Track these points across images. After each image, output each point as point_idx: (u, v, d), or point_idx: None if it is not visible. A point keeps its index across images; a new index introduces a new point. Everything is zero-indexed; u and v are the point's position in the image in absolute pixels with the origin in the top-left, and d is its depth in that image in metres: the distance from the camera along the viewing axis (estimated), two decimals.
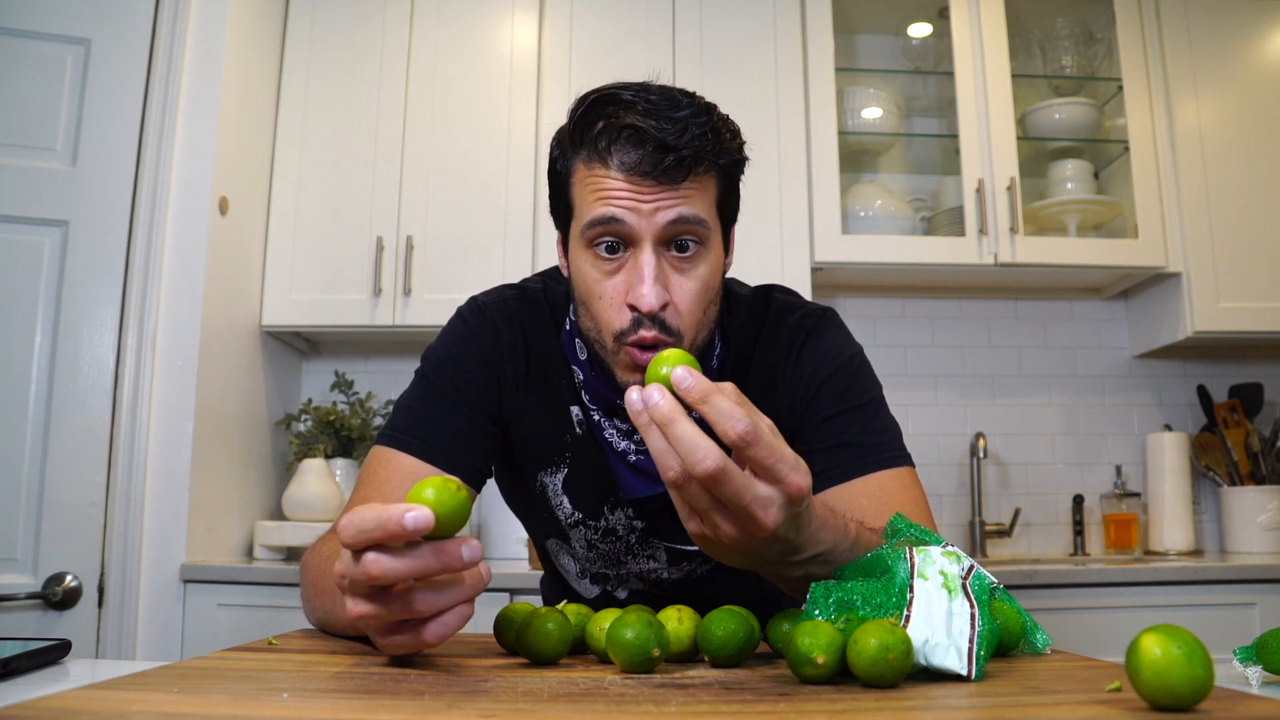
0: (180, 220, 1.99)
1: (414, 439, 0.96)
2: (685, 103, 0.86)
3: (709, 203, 0.88)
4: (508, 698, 0.55)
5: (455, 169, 2.32)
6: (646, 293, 0.84)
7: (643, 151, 0.83)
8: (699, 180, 0.86)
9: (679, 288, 0.87)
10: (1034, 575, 1.93)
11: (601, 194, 0.85)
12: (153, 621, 1.89)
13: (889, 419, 1.00)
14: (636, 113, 0.83)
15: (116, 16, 1.97)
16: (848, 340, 1.03)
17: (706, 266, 0.88)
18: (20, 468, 1.80)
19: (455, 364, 1.00)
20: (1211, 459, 2.51)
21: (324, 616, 0.85)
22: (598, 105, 0.86)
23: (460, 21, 2.38)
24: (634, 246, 0.86)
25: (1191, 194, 2.38)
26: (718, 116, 0.88)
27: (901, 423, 1.05)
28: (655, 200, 0.84)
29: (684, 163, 0.83)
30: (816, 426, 0.98)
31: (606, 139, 0.84)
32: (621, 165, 0.83)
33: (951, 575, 0.66)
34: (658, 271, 0.85)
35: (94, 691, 0.52)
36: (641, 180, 0.83)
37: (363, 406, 2.42)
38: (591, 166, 0.86)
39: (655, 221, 0.84)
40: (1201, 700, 0.49)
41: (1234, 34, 2.47)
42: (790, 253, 2.30)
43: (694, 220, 0.85)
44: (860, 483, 0.94)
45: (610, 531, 1.04)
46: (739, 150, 0.91)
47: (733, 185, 0.92)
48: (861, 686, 0.59)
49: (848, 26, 2.67)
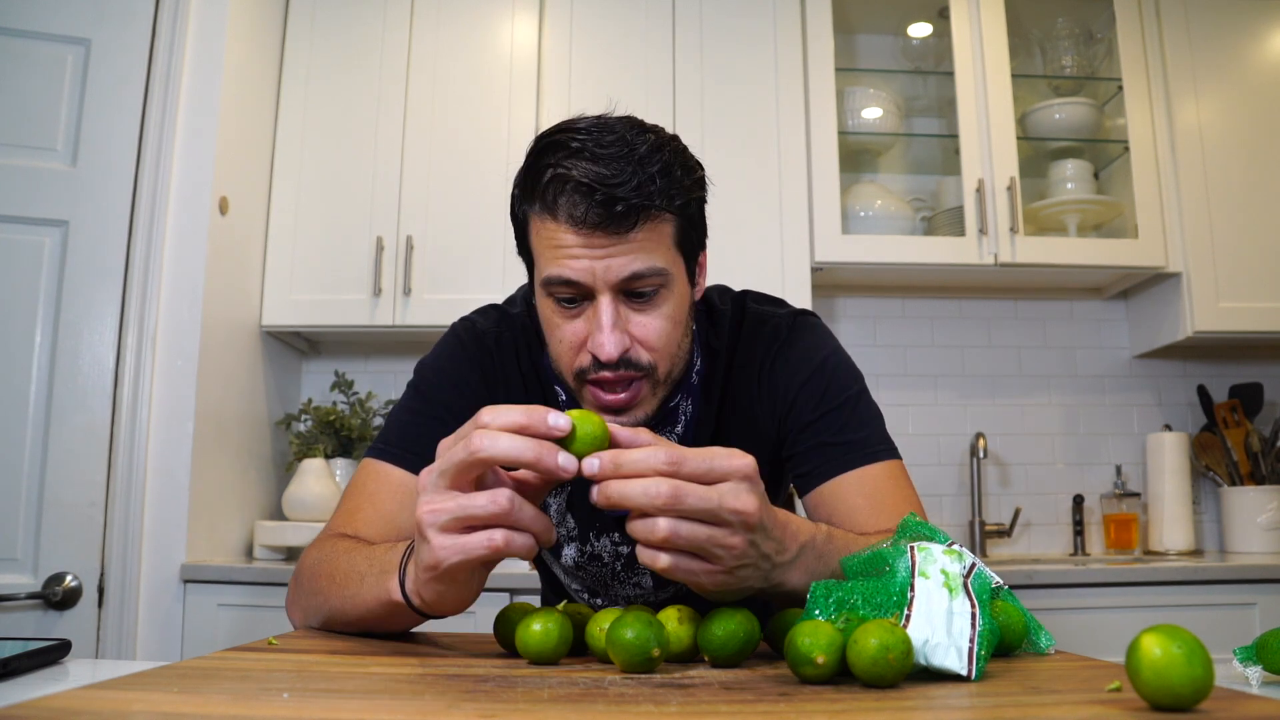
0: (180, 220, 1.99)
1: (405, 452, 0.95)
2: (638, 142, 0.82)
3: (666, 245, 0.85)
4: (508, 698, 0.55)
5: (455, 169, 2.32)
6: (604, 341, 0.83)
7: (589, 204, 0.80)
8: (652, 226, 0.83)
9: (642, 326, 0.86)
10: (1034, 575, 1.93)
11: (554, 251, 0.83)
12: (153, 621, 1.89)
13: (869, 413, 0.99)
14: (584, 159, 0.80)
15: (116, 16, 1.97)
16: (821, 342, 1.02)
17: (670, 304, 0.87)
18: (20, 468, 1.80)
19: (448, 380, 0.99)
20: (1211, 459, 2.51)
21: (340, 605, 0.82)
22: (546, 153, 0.83)
23: (460, 21, 2.38)
24: (593, 298, 0.84)
25: (1191, 194, 2.38)
26: (672, 154, 0.84)
27: (901, 423, 1.05)
28: (607, 253, 0.82)
29: (633, 210, 0.80)
30: (799, 433, 0.98)
31: (553, 192, 0.82)
32: (570, 219, 0.81)
33: (953, 574, 0.66)
34: (615, 319, 0.83)
35: (94, 691, 0.52)
36: (592, 233, 0.81)
37: (363, 406, 2.42)
38: (544, 220, 0.84)
39: (609, 278, 0.82)
40: (1201, 700, 0.49)
41: (1234, 34, 2.47)
42: (790, 253, 2.30)
43: (649, 273, 0.83)
44: (844, 479, 0.94)
45: (596, 557, 1.03)
46: (696, 187, 0.88)
47: (693, 220, 0.90)
48: (861, 686, 0.59)
49: (848, 26, 2.67)
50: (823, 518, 0.95)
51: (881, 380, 2.61)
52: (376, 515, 0.94)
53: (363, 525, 0.93)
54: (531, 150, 0.86)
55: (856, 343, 2.62)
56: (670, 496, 0.62)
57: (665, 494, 0.62)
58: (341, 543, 0.89)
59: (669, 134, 0.87)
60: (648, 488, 0.63)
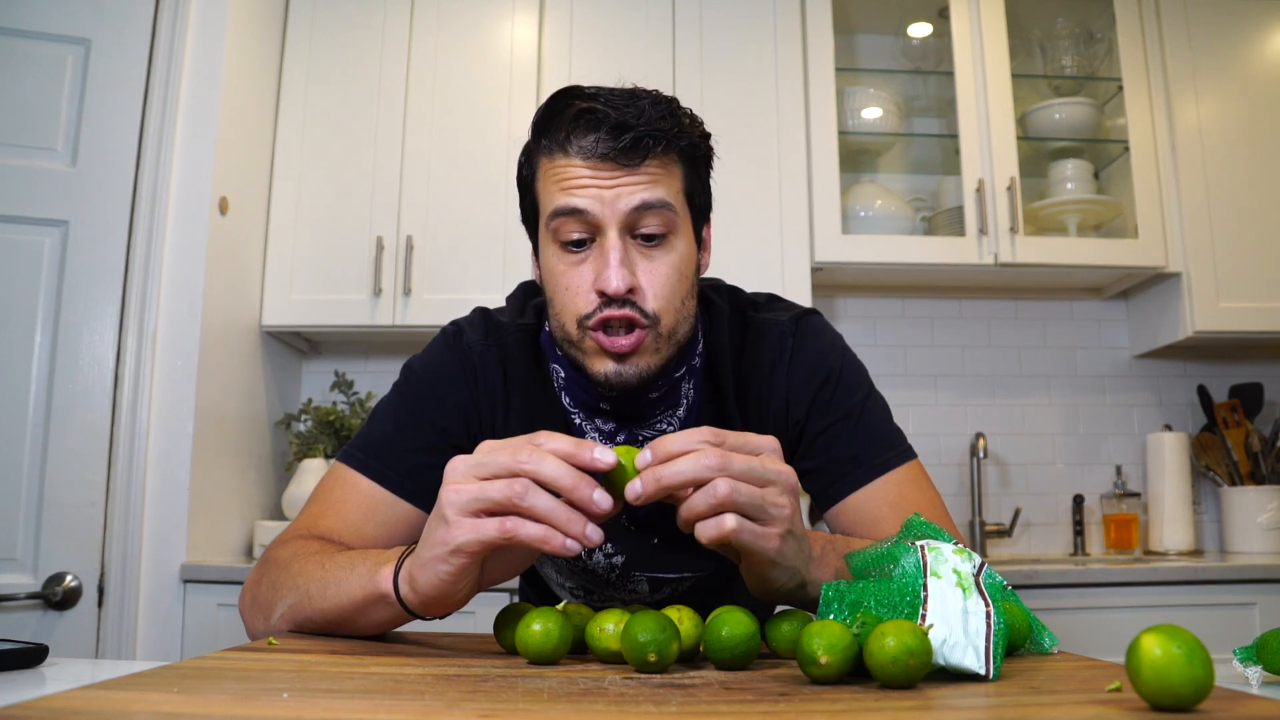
0: (180, 220, 1.99)
1: (378, 464, 0.94)
2: (644, 94, 0.85)
3: (674, 188, 0.86)
4: (508, 698, 0.54)
5: (455, 169, 2.32)
6: (612, 275, 0.82)
7: (599, 134, 0.82)
8: (661, 164, 0.85)
9: (648, 273, 0.85)
10: (1034, 575, 1.93)
11: (563, 183, 0.84)
12: (152, 621, 1.89)
13: (878, 417, 0.99)
14: (595, 100, 0.83)
15: (116, 16, 1.97)
16: (827, 347, 1.00)
17: (677, 254, 0.87)
18: (20, 468, 1.80)
19: (433, 393, 0.97)
20: (1211, 459, 2.51)
21: (319, 591, 0.80)
22: (557, 99, 0.86)
23: (460, 21, 2.38)
24: (599, 235, 0.84)
25: (1191, 194, 2.38)
26: (678, 106, 0.87)
27: (901, 423, 1.04)
28: (616, 185, 0.83)
29: (641, 142, 0.82)
30: (810, 443, 0.97)
31: (565, 128, 0.84)
32: (580, 150, 0.83)
33: (964, 573, 0.65)
34: (623, 256, 0.83)
35: (94, 691, 0.52)
36: (600, 163, 0.82)
37: (363, 406, 2.42)
38: (553, 158, 0.85)
39: (619, 208, 0.83)
40: (1201, 700, 0.49)
41: (1234, 34, 2.47)
42: (790, 253, 2.30)
43: (658, 204, 0.84)
44: (864, 493, 0.94)
45: (590, 572, 1.02)
46: (700, 135, 0.89)
47: (699, 175, 0.91)
48: (862, 686, 0.59)
49: (848, 26, 2.67)
50: (846, 531, 0.95)
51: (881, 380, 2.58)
52: (340, 523, 0.93)
53: (325, 532, 0.92)
54: (542, 104, 0.88)
55: (856, 343, 2.58)
56: (720, 460, 0.66)
57: (715, 459, 0.66)
58: (315, 542, 0.89)
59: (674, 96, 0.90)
60: (698, 459, 0.66)
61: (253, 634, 0.89)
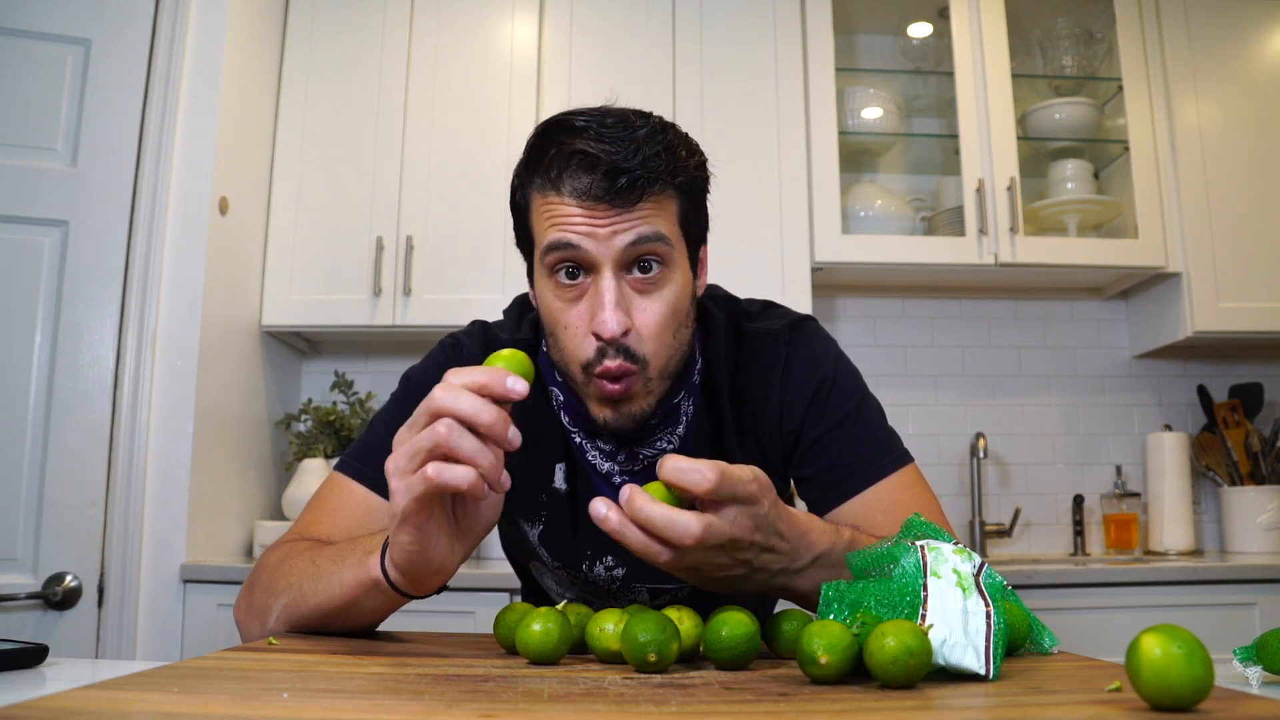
0: (180, 220, 1.99)
1: (374, 473, 0.94)
2: (640, 124, 0.83)
3: (670, 221, 0.85)
4: (508, 698, 0.54)
5: (455, 169, 2.32)
6: (607, 318, 0.82)
7: (593, 177, 0.80)
8: (656, 201, 0.83)
9: (642, 312, 0.85)
10: (1034, 575, 1.93)
11: (555, 220, 0.83)
12: (152, 621, 1.89)
13: (873, 423, 0.98)
14: (588, 138, 0.81)
15: (116, 16, 1.97)
16: (821, 355, 0.99)
17: (672, 288, 0.86)
18: (20, 468, 1.80)
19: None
20: (1211, 459, 2.51)
21: (313, 587, 0.81)
22: (549, 133, 0.84)
23: (460, 21, 2.38)
24: (594, 272, 0.84)
25: (1191, 194, 2.38)
26: (675, 135, 0.85)
27: (901, 423, 1.05)
28: (611, 225, 0.81)
29: (637, 184, 0.81)
30: (806, 451, 0.97)
31: (558, 167, 0.82)
32: (574, 192, 0.81)
33: (964, 573, 0.65)
34: (618, 296, 0.82)
35: (94, 691, 0.52)
36: (595, 205, 0.81)
37: (362, 406, 2.42)
38: (546, 195, 0.84)
39: (613, 246, 0.82)
40: (1201, 700, 0.49)
41: (1234, 34, 2.47)
42: (790, 253, 2.30)
43: (654, 238, 0.83)
44: (859, 500, 0.94)
45: (590, 583, 1.02)
46: (698, 168, 0.88)
47: (696, 204, 0.89)
48: (862, 686, 0.59)
49: (848, 26, 2.67)
50: None
51: (881, 380, 2.61)
52: (335, 530, 0.93)
53: (319, 538, 0.93)
54: (534, 134, 0.86)
55: (856, 343, 2.62)
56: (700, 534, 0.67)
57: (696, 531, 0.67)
58: (304, 543, 0.89)
59: (670, 121, 0.88)
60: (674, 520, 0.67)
61: (249, 641, 0.89)
